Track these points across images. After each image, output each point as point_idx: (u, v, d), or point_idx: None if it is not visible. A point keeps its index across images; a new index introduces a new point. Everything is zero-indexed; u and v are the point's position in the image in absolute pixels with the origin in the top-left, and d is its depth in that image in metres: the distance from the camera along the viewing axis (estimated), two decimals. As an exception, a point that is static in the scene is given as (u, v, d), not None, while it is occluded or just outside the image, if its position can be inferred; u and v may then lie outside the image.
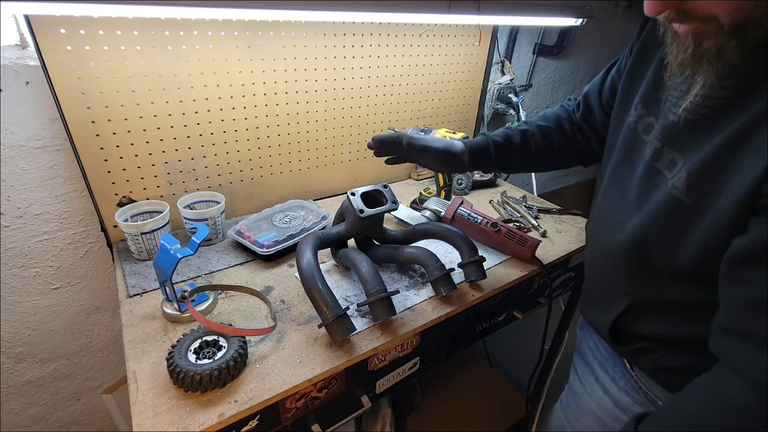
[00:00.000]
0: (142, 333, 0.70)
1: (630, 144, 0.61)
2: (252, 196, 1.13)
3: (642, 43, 0.63)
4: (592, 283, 0.72)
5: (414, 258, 0.82)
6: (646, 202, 0.55)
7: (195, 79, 0.92)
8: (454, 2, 0.90)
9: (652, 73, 0.59)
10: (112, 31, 0.80)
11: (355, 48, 1.11)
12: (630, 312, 0.62)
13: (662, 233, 0.52)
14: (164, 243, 0.69)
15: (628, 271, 0.60)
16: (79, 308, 1.05)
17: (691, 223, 0.48)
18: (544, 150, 0.82)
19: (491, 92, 1.54)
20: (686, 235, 0.49)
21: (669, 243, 0.51)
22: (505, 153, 0.82)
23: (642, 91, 0.60)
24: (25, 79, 0.80)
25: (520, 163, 0.85)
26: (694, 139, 0.49)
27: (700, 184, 0.47)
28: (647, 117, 0.58)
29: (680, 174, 0.49)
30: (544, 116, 0.85)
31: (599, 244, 0.67)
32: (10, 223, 0.88)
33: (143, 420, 0.56)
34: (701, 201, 0.47)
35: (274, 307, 0.76)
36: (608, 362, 0.74)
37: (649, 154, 0.55)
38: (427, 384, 1.49)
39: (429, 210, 1.06)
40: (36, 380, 1.07)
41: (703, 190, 0.47)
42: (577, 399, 0.81)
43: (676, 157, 0.51)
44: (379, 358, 0.75)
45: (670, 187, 0.51)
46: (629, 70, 0.64)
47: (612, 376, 0.73)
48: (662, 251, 0.53)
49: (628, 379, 0.69)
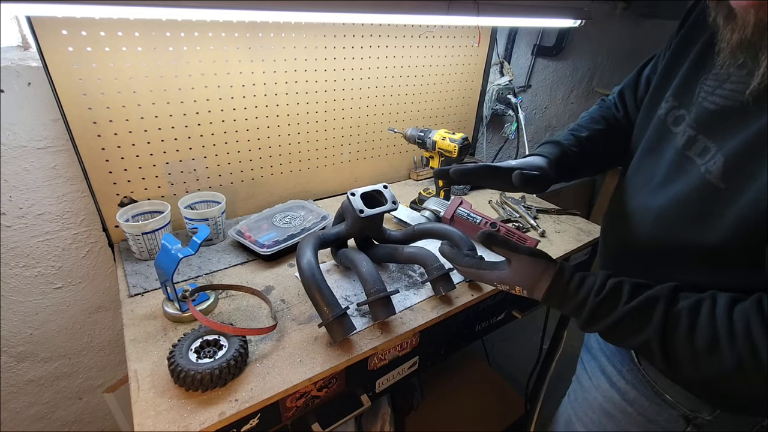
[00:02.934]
0: (143, 332, 0.71)
1: (658, 135, 0.61)
2: (252, 197, 1.14)
3: (682, 38, 0.63)
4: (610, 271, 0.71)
5: (413, 258, 0.83)
6: (673, 187, 0.55)
7: (196, 80, 0.92)
8: (453, 3, 0.91)
9: (688, 66, 0.59)
10: (114, 33, 0.80)
11: (354, 49, 1.12)
12: None
13: (692, 213, 0.52)
14: (165, 243, 0.70)
15: (652, 257, 0.59)
16: (80, 308, 1.06)
17: (723, 205, 0.48)
18: (601, 154, 0.78)
19: (490, 93, 1.55)
20: (718, 215, 0.49)
21: (699, 221, 0.51)
22: (578, 159, 0.75)
23: (675, 84, 0.60)
24: (27, 80, 0.81)
25: (585, 169, 0.79)
26: (730, 127, 0.49)
27: (737, 169, 0.47)
28: (678, 109, 0.59)
29: (715, 160, 0.50)
30: (592, 119, 0.80)
31: (619, 236, 0.66)
32: (12, 223, 0.89)
33: (144, 419, 0.56)
34: (736, 186, 0.47)
35: (274, 307, 0.77)
36: (615, 356, 0.74)
37: (681, 143, 0.56)
38: (427, 383, 1.49)
39: (428, 210, 1.07)
40: (38, 379, 1.07)
41: (739, 175, 0.47)
42: (585, 393, 0.81)
43: (710, 144, 0.51)
44: (379, 357, 0.75)
45: (703, 172, 0.51)
46: (666, 64, 0.64)
47: (619, 369, 0.73)
48: (691, 229, 0.52)
49: (635, 372, 0.69)
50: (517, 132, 1.63)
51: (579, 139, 0.77)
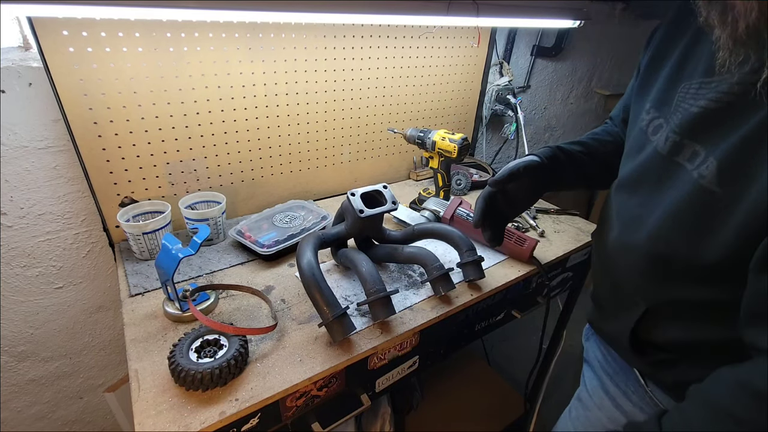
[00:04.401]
0: (144, 332, 0.71)
1: (638, 146, 0.62)
2: (253, 197, 1.14)
3: (651, 53, 0.64)
4: (604, 289, 0.70)
5: (413, 258, 0.83)
6: (668, 196, 0.53)
7: (196, 81, 0.93)
8: (453, 4, 0.91)
9: (666, 77, 0.59)
10: (114, 33, 0.81)
11: (354, 49, 1.12)
12: (647, 318, 0.59)
13: (689, 225, 0.50)
14: (166, 243, 0.70)
15: (647, 272, 0.57)
16: (81, 307, 1.06)
17: (722, 212, 0.46)
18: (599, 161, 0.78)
19: (490, 93, 1.55)
20: (717, 225, 0.47)
21: (696, 235, 0.49)
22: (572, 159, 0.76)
23: (653, 96, 0.61)
24: (28, 81, 0.81)
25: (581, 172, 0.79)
26: (718, 129, 0.48)
27: (733, 171, 0.46)
28: (657, 119, 0.59)
29: (707, 164, 0.48)
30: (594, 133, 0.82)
31: (612, 247, 0.64)
32: (13, 223, 0.89)
33: (145, 418, 0.57)
34: (734, 189, 0.45)
35: (274, 307, 0.77)
36: (619, 375, 0.72)
37: (666, 150, 0.55)
38: (427, 383, 1.50)
39: (428, 210, 1.07)
40: (39, 379, 1.08)
41: (736, 178, 0.45)
42: (587, 412, 0.79)
43: (698, 148, 0.50)
44: (379, 356, 0.75)
45: (696, 177, 0.49)
46: (638, 84, 0.66)
47: (624, 390, 0.71)
48: (687, 245, 0.51)
49: (642, 395, 0.67)
50: (516, 132, 1.63)
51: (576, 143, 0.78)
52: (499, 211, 0.79)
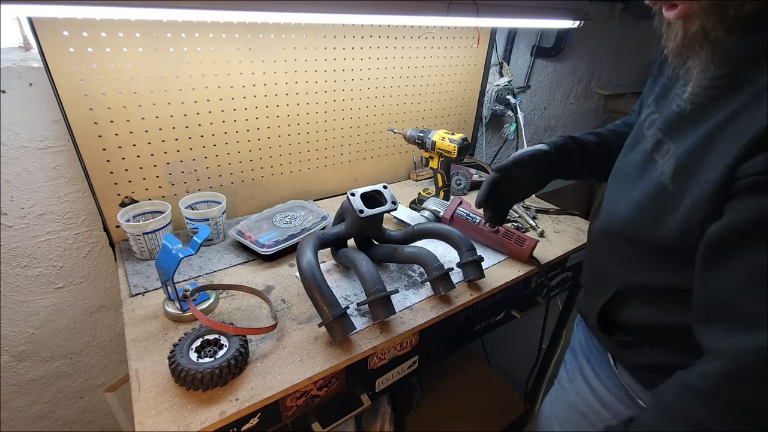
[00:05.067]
0: (144, 332, 0.71)
1: (634, 139, 0.63)
2: (253, 197, 1.14)
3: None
4: (588, 272, 0.74)
5: (413, 258, 0.83)
6: (638, 188, 0.57)
7: (196, 81, 0.93)
8: (452, 4, 0.91)
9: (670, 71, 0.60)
10: (115, 33, 0.81)
11: (354, 50, 1.12)
12: (616, 299, 0.63)
13: (649, 215, 0.54)
14: (166, 243, 0.70)
15: (617, 256, 0.62)
16: (81, 307, 1.06)
17: (671, 207, 0.50)
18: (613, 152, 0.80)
19: (489, 94, 1.55)
20: (667, 219, 0.50)
21: (654, 224, 0.53)
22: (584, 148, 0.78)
23: (656, 91, 0.62)
24: (28, 81, 0.81)
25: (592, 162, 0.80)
26: (688, 129, 0.51)
27: (685, 170, 0.49)
28: (654, 114, 0.60)
29: (669, 161, 0.51)
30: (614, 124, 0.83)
31: (597, 232, 0.68)
32: (13, 223, 0.89)
33: (145, 418, 0.57)
34: (682, 187, 0.48)
35: (274, 307, 0.77)
36: (595, 358, 0.75)
37: (650, 145, 0.57)
38: (426, 382, 1.50)
39: (428, 210, 1.07)
40: (39, 378, 1.08)
41: (686, 177, 0.48)
42: (564, 393, 0.83)
43: (671, 146, 0.53)
44: (379, 356, 0.76)
45: (659, 173, 0.53)
46: (653, 77, 0.67)
47: (597, 372, 0.74)
48: (647, 230, 0.54)
49: (610, 375, 0.70)
50: (516, 132, 1.63)
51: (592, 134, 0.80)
52: (503, 196, 0.82)
